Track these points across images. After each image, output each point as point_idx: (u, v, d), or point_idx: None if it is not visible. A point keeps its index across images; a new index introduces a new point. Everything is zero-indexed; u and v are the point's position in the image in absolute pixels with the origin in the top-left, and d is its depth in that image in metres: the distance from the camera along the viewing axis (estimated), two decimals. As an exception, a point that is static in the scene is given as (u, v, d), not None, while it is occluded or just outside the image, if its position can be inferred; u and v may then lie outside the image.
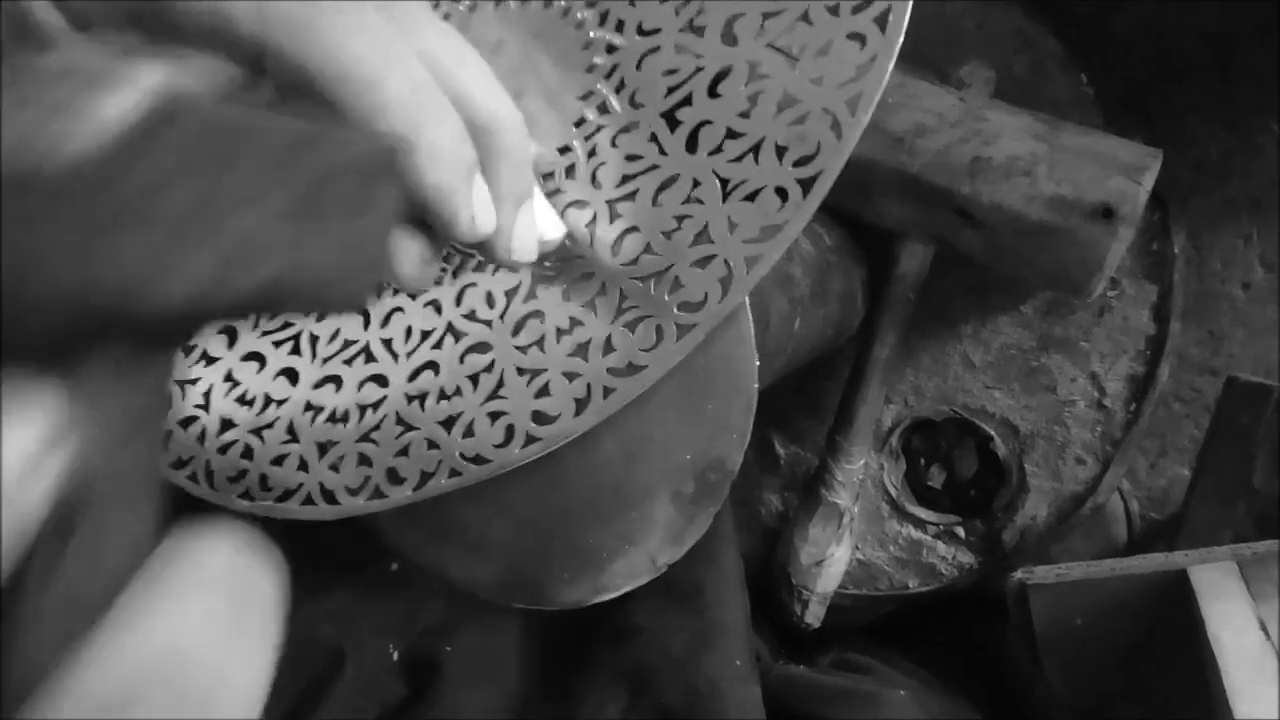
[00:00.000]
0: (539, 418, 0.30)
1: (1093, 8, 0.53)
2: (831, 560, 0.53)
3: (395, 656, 0.43)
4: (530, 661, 0.42)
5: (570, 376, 0.30)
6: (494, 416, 0.31)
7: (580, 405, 0.30)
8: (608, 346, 0.30)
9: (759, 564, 0.57)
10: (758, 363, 0.31)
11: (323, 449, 0.32)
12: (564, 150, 0.31)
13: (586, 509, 0.33)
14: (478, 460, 0.30)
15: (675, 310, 0.29)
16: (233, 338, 0.35)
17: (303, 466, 0.32)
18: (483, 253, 0.28)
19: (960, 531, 0.56)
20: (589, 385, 0.30)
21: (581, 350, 0.30)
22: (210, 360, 0.35)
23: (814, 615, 0.54)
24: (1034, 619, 0.45)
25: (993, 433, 0.55)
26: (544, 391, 0.30)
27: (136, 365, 0.15)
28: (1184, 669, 0.41)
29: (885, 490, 0.57)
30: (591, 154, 0.31)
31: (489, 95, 0.26)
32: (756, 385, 0.31)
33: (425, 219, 0.26)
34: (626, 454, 0.32)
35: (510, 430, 0.30)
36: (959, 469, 0.56)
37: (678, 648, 0.40)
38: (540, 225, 0.29)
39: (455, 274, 0.33)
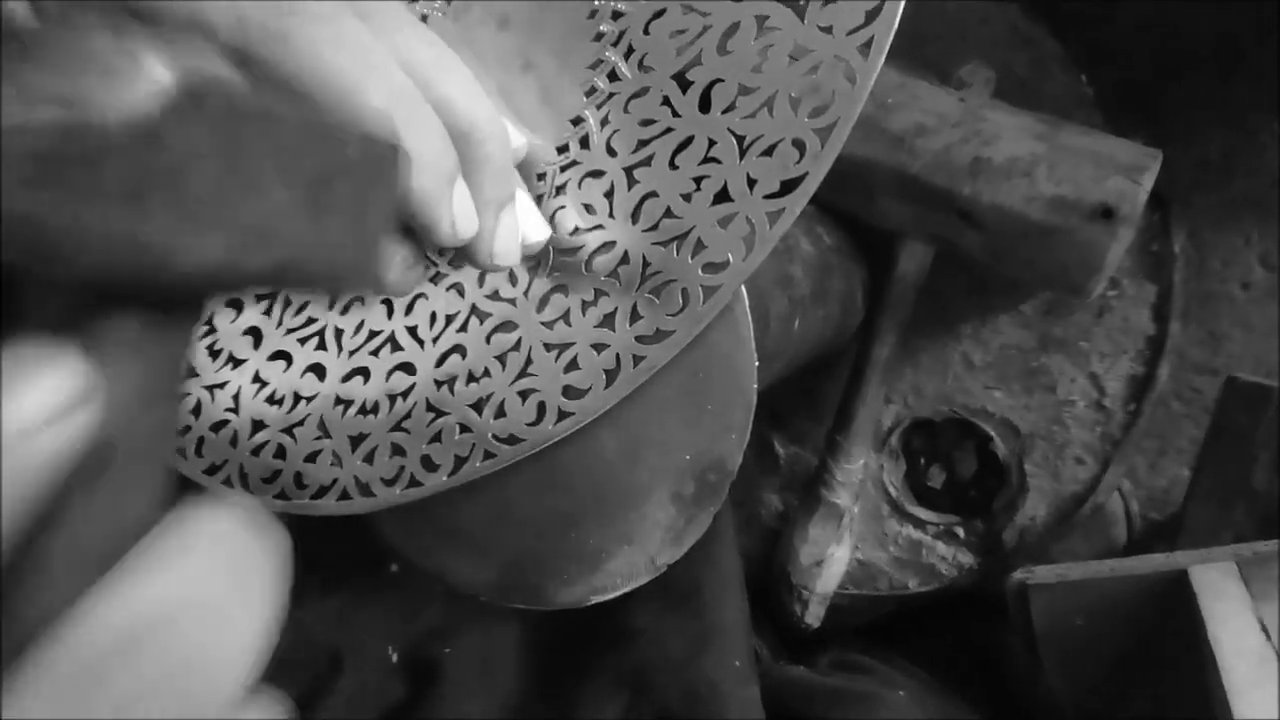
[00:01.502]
0: (570, 392, 0.30)
1: (1093, 7, 0.53)
2: (831, 560, 0.53)
3: (395, 658, 0.43)
4: (530, 663, 0.42)
5: (599, 348, 0.30)
6: (524, 395, 0.30)
7: (610, 376, 0.29)
8: (634, 315, 0.29)
9: (759, 564, 0.57)
10: (757, 363, 0.31)
11: (355, 442, 0.32)
12: (576, 121, 0.31)
13: (586, 509, 0.33)
14: (511, 440, 0.30)
15: (700, 272, 0.29)
16: (258, 338, 0.35)
17: (336, 461, 0.32)
18: (464, 257, 0.28)
19: (960, 532, 0.56)
20: (618, 356, 0.29)
21: (608, 320, 0.30)
22: (237, 362, 0.34)
23: (814, 615, 0.54)
24: (1034, 619, 0.45)
25: (992, 433, 0.55)
26: (573, 365, 0.30)
27: (153, 336, 0.16)
28: (1184, 669, 0.41)
29: (885, 490, 0.57)
30: (605, 122, 0.31)
31: (470, 101, 0.26)
32: (756, 385, 0.31)
33: (407, 224, 0.26)
34: (626, 454, 0.32)
35: (542, 408, 0.30)
36: (959, 469, 0.56)
37: (677, 648, 0.40)
38: (524, 228, 0.29)
39: None
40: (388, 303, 0.33)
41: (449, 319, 0.32)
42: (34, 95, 0.14)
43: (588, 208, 0.31)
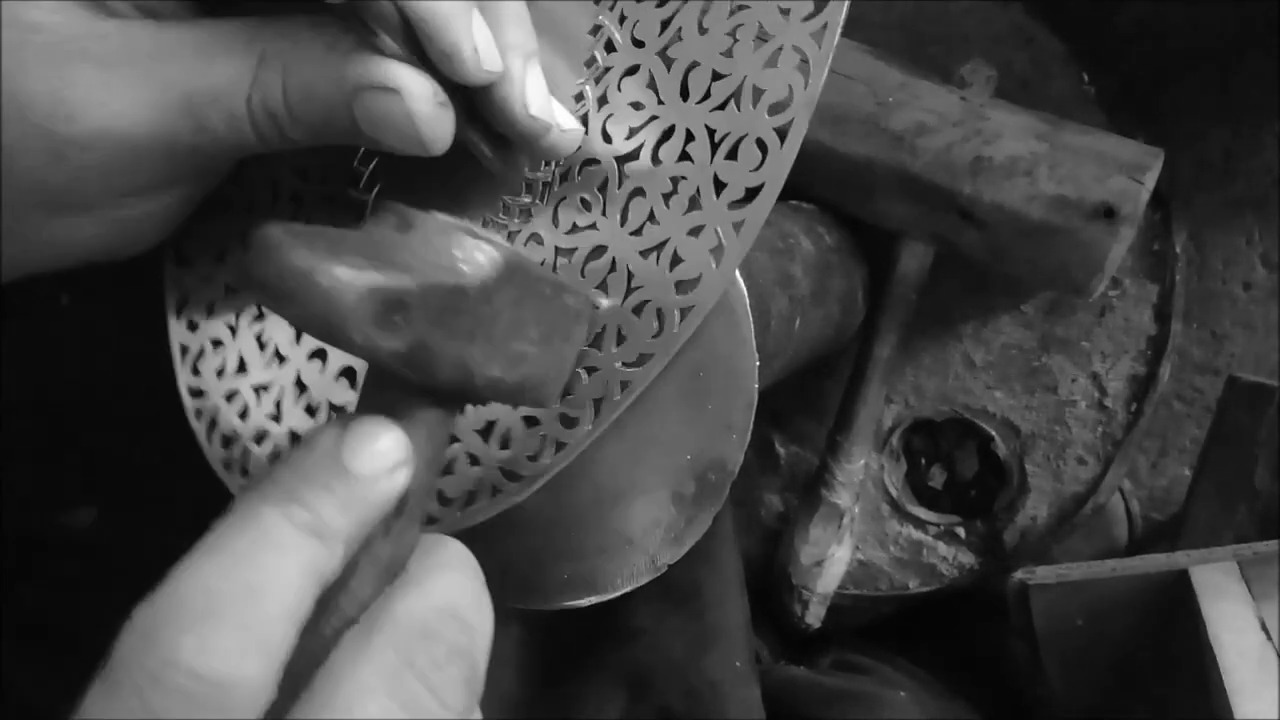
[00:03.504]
0: (565, 420, 0.29)
1: (1094, 6, 0.53)
2: (832, 560, 0.53)
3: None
4: (529, 664, 0.42)
5: (589, 370, 0.29)
6: (528, 422, 0.30)
7: (597, 405, 0.29)
8: (619, 336, 0.29)
9: (759, 564, 0.57)
10: (758, 363, 0.31)
11: None
12: (578, 98, 0.30)
13: (586, 509, 0.33)
14: (513, 476, 0.30)
15: (674, 289, 0.28)
16: (299, 332, 0.33)
17: None
18: (499, 117, 0.27)
19: (961, 532, 0.56)
20: (606, 381, 0.29)
21: (598, 340, 0.29)
22: (282, 359, 0.33)
23: (814, 616, 0.54)
24: (1035, 619, 0.45)
25: (993, 433, 0.55)
26: (566, 391, 0.29)
27: (441, 422, 0.22)
28: (1185, 669, 0.41)
29: (886, 491, 0.57)
30: (602, 101, 0.30)
31: None
32: (757, 385, 0.31)
33: (427, 55, 0.26)
34: (627, 454, 0.32)
35: (543, 440, 0.29)
36: (960, 469, 0.56)
37: (678, 649, 0.40)
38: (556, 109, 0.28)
39: (510, 237, 0.32)
40: None
41: None
42: (423, 263, 0.21)
43: (584, 203, 0.30)
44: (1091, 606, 0.44)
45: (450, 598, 0.21)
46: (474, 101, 0.28)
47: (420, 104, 0.26)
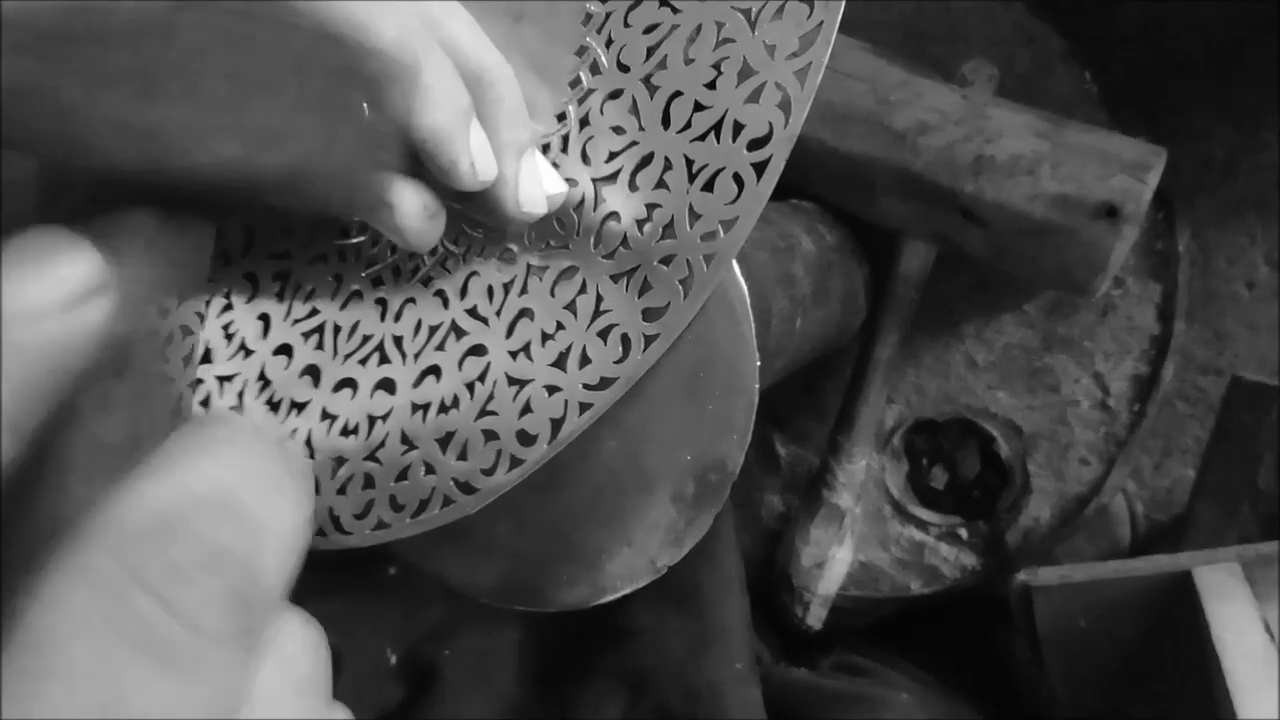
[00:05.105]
0: (522, 437, 0.29)
1: (1096, 5, 0.53)
2: (833, 561, 0.53)
3: (393, 660, 0.42)
4: (529, 664, 0.42)
5: (550, 390, 0.29)
6: (487, 435, 0.29)
7: (556, 426, 0.29)
8: (584, 358, 0.29)
9: (760, 565, 0.57)
10: (759, 363, 0.31)
11: (335, 467, 0.31)
12: (560, 118, 0.31)
13: (586, 510, 0.33)
14: (466, 489, 0.29)
15: (641, 316, 0.28)
16: (267, 325, 0.33)
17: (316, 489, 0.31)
18: (491, 211, 0.27)
19: (963, 533, 0.56)
20: (566, 402, 0.29)
21: (561, 360, 0.29)
22: (248, 352, 0.33)
23: (815, 617, 0.54)
24: (1037, 621, 0.45)
25: (996, 433, 0.55)
26: (527, 408, 0.29)
27: (166, 236, 0.16)
28: (1188, 670, 0.41)
29: (887, 491, 0.56)
30: (584, 123, 0.30)
31: (478, 45, 0.26)
32: (758, 385, 0.31)
33: (426, 168, 0.26)
34: (627, 455, 0.32)
35: (498, 455, 0.29)
36: (961, 470, 0.56)
37: (678, 650, 0.40)
38: (544, 179, 0.29)
39: (464, 258, 0.32)
40: (381, 303, 0.33)
41: (431, 331, 0.31)
42: None
43: (559, 223, 0.30)
44: (1094, 608, 0.44)
45: (213, 483, 0.15)
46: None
47: (411, 220, 0.27)
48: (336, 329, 0.33)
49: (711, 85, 0.29)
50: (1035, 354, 0.54)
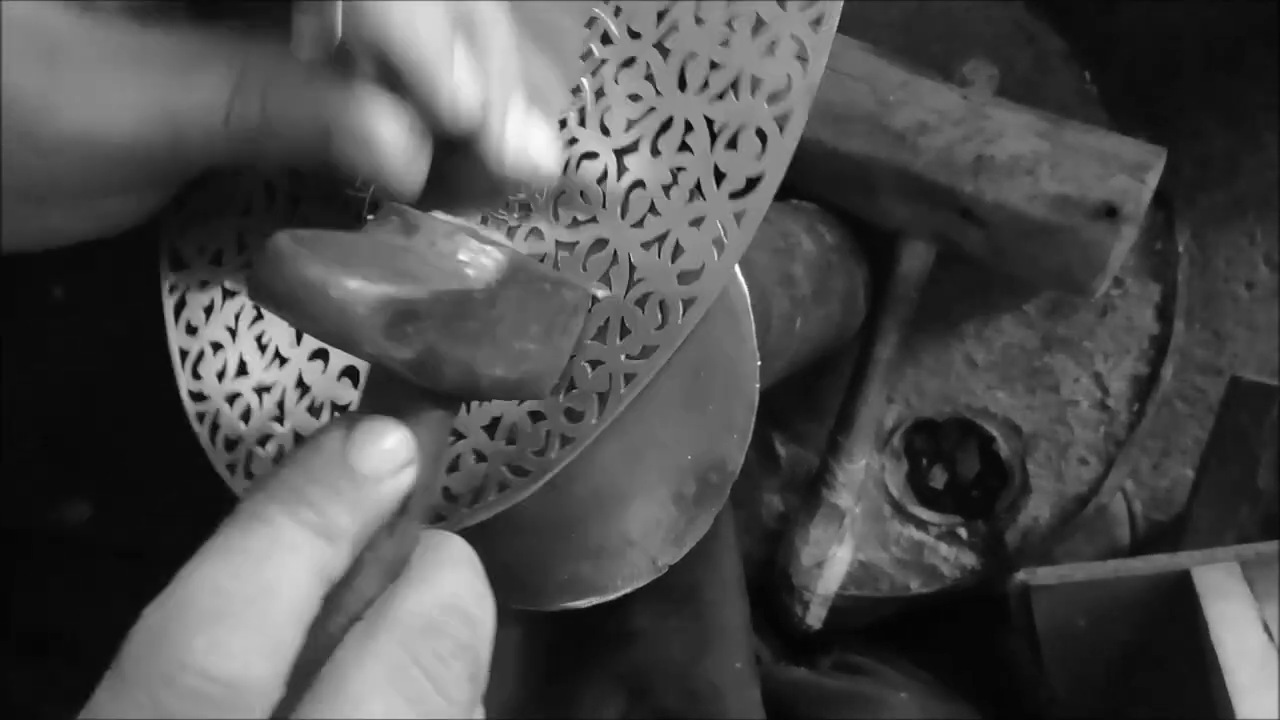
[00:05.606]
0: (570, 414, 0.29)
1: (1096, 5, 0.53)
2: (833, 561, 0.53)
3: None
4: (528, 664, 0.42)
5: (593, 364, 0.29)
6: (534, 417, 0.29)
7: (602, 399, 0.28)
8: (623, 329, 0.28)
9: (760, 565, 0.57)
10: (759, 363, 0.31)
11: None
12: (575, 91, 0.30)
13: (586, 510, 0.33)
14: (519, 471, 0.29)
15: (677, 281, 0.28)
16: (299, 333, 0.33)
17: None
18: (475, 175, 0.27)
19: (962, 533, 0.56)
20: (610, 374, 0.28)
21: (601, 333, 0.29)
22: (283, 360, 0.33)
23: (815, 617, 0.54)
24: (1036, 620, 0.45)
25: (995, 433, 0.55)
26: (571, 385, 0.29)
27: (444, 421, 0.23)
28: (1187, 670, 0.41)
29: (887, 491, 0.56)
30: (600, 94, 0.30)
31: None
32: (758, 385, 0.31)
33: (405, 95, 0.25)
34: (627, 454, 0.32)
35: (548, 435, 0.29)
36: (961, 469, 0.56)
37: (677, 650, 0.40)
38: (533, 146, 0.28)
39: (510, 233, 0.31)
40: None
41: None
42: (429, 268, 0.22)
43: (584, 196, 0.30)
44: (1093, 607, 0.44)
45: (454, 593, 0.21)
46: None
47: (391, 160, 0.26)
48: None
49: (725, 44, 0.28)
50: (1035, 354, 0.54)
